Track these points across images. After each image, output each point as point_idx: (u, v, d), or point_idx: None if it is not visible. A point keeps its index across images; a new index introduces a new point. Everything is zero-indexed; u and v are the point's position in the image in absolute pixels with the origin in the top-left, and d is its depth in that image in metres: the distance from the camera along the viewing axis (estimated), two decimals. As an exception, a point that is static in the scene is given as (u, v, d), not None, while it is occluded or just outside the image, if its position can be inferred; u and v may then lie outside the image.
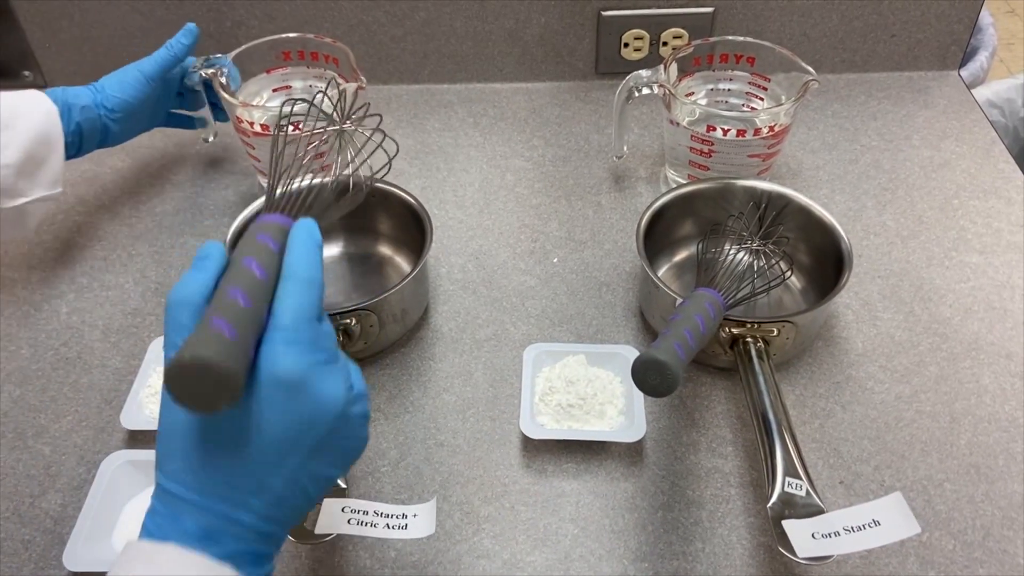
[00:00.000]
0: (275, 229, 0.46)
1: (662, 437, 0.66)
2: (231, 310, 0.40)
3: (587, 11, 0.95)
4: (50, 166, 0.72)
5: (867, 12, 0.96)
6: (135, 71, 0.77)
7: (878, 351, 0.72)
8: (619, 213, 0.85)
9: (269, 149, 0.59)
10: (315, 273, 0.44)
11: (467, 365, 0.72)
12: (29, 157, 0.70)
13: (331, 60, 0.84)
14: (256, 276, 0.43)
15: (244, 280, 0.42)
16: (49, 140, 0.72)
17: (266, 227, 0.46)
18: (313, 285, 0.44)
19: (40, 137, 0.71)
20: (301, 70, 0.85)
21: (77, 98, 0.74)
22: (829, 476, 0.63)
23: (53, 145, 0.72)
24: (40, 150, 0.71)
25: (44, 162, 0.72)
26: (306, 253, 0.45)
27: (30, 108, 0.71)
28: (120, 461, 0.62)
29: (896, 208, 0.84)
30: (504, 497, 0.63)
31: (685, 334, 0.54)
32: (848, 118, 0.95)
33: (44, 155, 0.72)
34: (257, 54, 0.83)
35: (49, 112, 0.72)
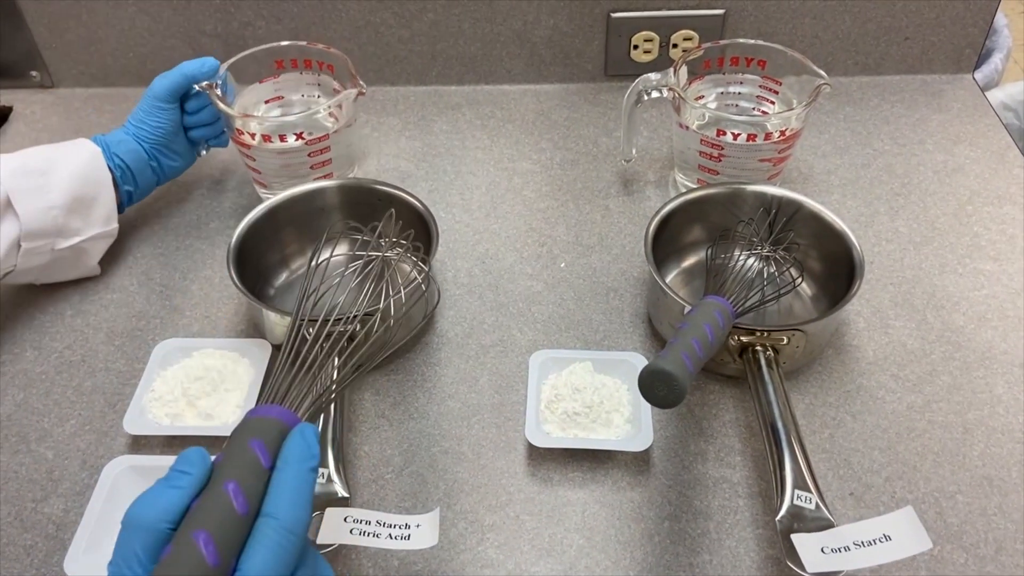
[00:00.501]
0: (271, 433, 0.43)
1: (669, 446, 0.65)
2: (194, 562, 0.37)
3: (596, 12, 0.94)
4: (101, 203, 0.75)
5: (880, 14, 0.94)
6: (152, 98, 0.77)
7: (889, 360, 0.71)
8: (627, 217, 0.85)
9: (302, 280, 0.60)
10: (300, 515, 0.40)
11: (472, 371, 0.71)
12: (77, 198, 0.72)
13: (326, 67, 0.83)
14: (235, 510, 0.39)
15: (218, 518, 0.38)
16: (95, 179, 0.74)
17: (262, 428, 0.43)
18: (293, 533, 0.40)
19: (85, 176, 0.73)
20: (294, 77, 0.84)
21: (114, 136, 0.77)
22: (839, 487, 0.62)
23: (101, 183, 0.74)
24: (88, 189, 0.73)
25: (95, 200, 0.74)
26: (295, 486, 0.41)
27: (72, 152, 0.74)
28: (122, 467, 0.61)
29: (909, 214, 0.83)
30: (509, 506, 0.62)
31: (693, 344, 0.53)
32: (860, 122, 0.94)
33: (93, 194, 0.74)
34: (251, 65, 0.82)
35: (93, 154, 0.74)
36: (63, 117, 0.98)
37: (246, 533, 0.40)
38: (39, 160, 0.72)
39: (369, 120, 0.97)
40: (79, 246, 0.74)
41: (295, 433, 0.44)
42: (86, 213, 0.74)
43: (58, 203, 0.71)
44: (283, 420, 0.44)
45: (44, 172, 0.71)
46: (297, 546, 0.40)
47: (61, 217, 0.72)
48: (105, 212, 0.75)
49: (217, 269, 0.80)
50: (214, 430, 0.64)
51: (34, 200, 0.70)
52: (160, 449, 0.65)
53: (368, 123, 0.96)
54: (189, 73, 0.76)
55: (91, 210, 0.74)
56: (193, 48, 0.97)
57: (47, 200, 0.71)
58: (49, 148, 0.74)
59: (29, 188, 0.70)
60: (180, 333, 0.74)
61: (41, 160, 0.72)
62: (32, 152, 0.73)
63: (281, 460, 0.42)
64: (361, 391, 0.69)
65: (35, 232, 0.70)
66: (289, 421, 0.45)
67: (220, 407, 0.66)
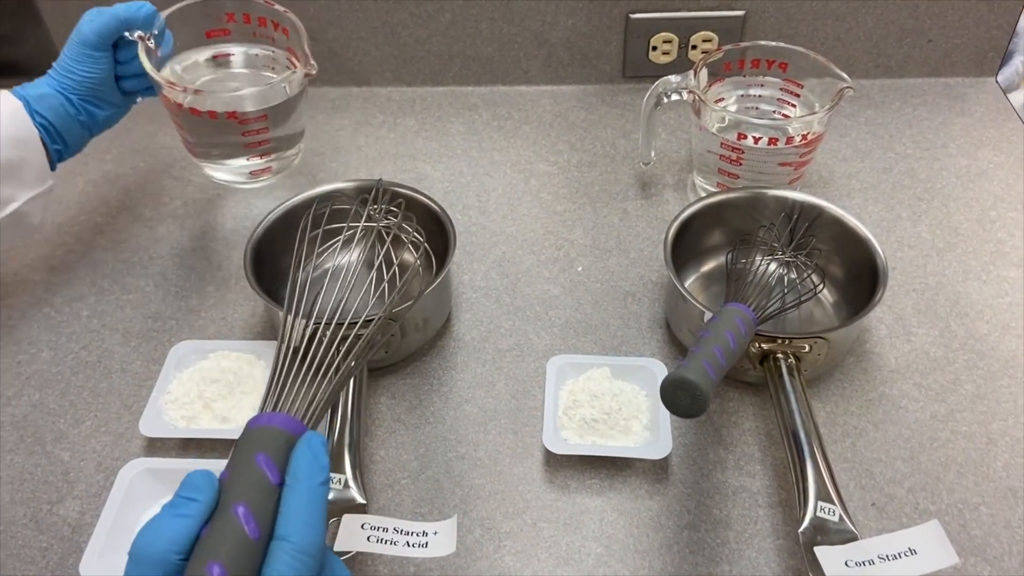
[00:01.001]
0: (277, 445, 0.42)
1: (688, 454, 0.65)
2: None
3: (615, 13, 0.93)
4: (31, 164, 0.68)
5: (903, 16, 0.93)
6: (79, 45, 0.69)
7: (912, 368, 0.70)
8: (645, 221, 0.84)
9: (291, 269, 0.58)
10: (314, 536, 0.39)
11: (489, 375, 0.71)
12: (1, 164, 0.66)
13: (281, 30, 0.77)
14: (247, 536, 0.38)
15: (231, 547, 0.37)
16: (20, 138, 0.67)
17: (267, 440, 0.42)
18: (309, 555, 0.38)
19: (7, 138, 0.66)
20: (246, 39, 0.79)
21: (36, 88, 0.69)
22: (861, 498, 0.61)
23: (27, 142, 0.67)
24: (13, 152, 0.66)
25: (23, 162, 0.67)
26: (307, 506, 0.39)
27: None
28: (138, 469, 0.61)
29: (931, 219, 0.82)
30: (526, 513, 0.61)
31: (715, 352, 0.52)
32: (882, 125, 0.93)
33: (20, 156, 0.67)
34: (194, 15, 0.77)
35: (13, 109, 0.67)
36: (80, 116, 0.98)
37: (260, 558, 0.39)
38: None
39: (386, 121, 0.96)
40: (15, 212, 0.68)
41: (302, 445, 0.42)
42: (15, 177, 0.67)
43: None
44: (288, 430, 0.43)
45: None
46: (314, 568, 0.39)
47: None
48: (36, 172, 0.68)
49: (233, 271, 0.79)
50: (230, 433, 0.64)
51: None
52: (176, 452, 0.65)
53: (385, 124, 0.96)
54: (123, 17, 0.69)
55: (21, 172, 0.67)
56: (210, 47, 0.97)
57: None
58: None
59: None
60: (196, 335, 0.74)
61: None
62: None
63: (291, 477, 0.41)
64: (377, 395, 0.69)
65: None
66: (295, 430, 0.43)
67: (236, 410, 0.66)
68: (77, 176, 0.89)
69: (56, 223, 0.84)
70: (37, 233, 0.74)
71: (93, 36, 0.68)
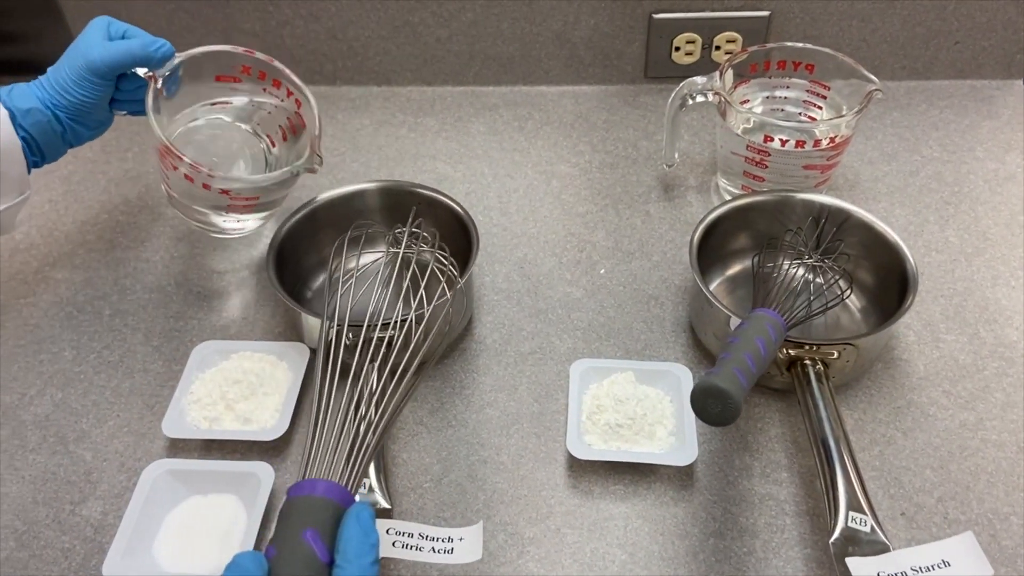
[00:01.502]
0: (324, 517, 0.41)
1: (713, 460, 0.64)
2: None
3: (638, 13, 0.93)
4: (9, 176, 0.64)
5: (930, 18, 0.92)
6: (85, 70, 0.65)
7: (941, 375, 0.69)
8: (668, 223, 0.83)
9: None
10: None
11: (511, 379, 0.70)
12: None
13: (293, 99, 0.73)
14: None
15: None
16: (1, 151, 0.63)
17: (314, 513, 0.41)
18: None
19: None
20: (252, 91, 0.74)
21: (23, 99, 0.65)
22: (890, 507, 0.61)
23: (7, 154, 0.63)
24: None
25: (2, 175, 0.64)
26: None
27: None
28: (161, 470, 0.61)
29: (959, 223, 0.81)
30: (550, 519, 0.61)
31: (746, 359, 0.51)
32: (908, 127, 0.92)
33: (0, 168, 0.64)
34: (209, 62, 0.71)
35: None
36: (101, 114, 0.98)
37: None
38: None
39: (406, 120, 0.96)
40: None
41: (351, 520, 0.41)
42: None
43: None
44: (334, 499, 0.42)
45: None
46: None
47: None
48: (14, 183, 0.65)
49: (255, 270, 0.79)
50: (252, 435, 0.64)
51: None
52: (198, 453, 0.65)
53: (405, 123, 0.95)
54: (139, 56, 0.65)
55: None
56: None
57: None
58: None
59: None
60: (217, 335, 0.73)
61: None
62: None
63: (341, 557, 0.40)
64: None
65: None
66: (341, 500, 0.42)
67: (258, 411, 0.65)
68: (98, 174, 0.90)
69: (78, 221, 0.84)
70: (9, 233, 0.71)
71: (102, 67, 0.65)
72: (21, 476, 0.64)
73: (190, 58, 0.69)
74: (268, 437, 0.63)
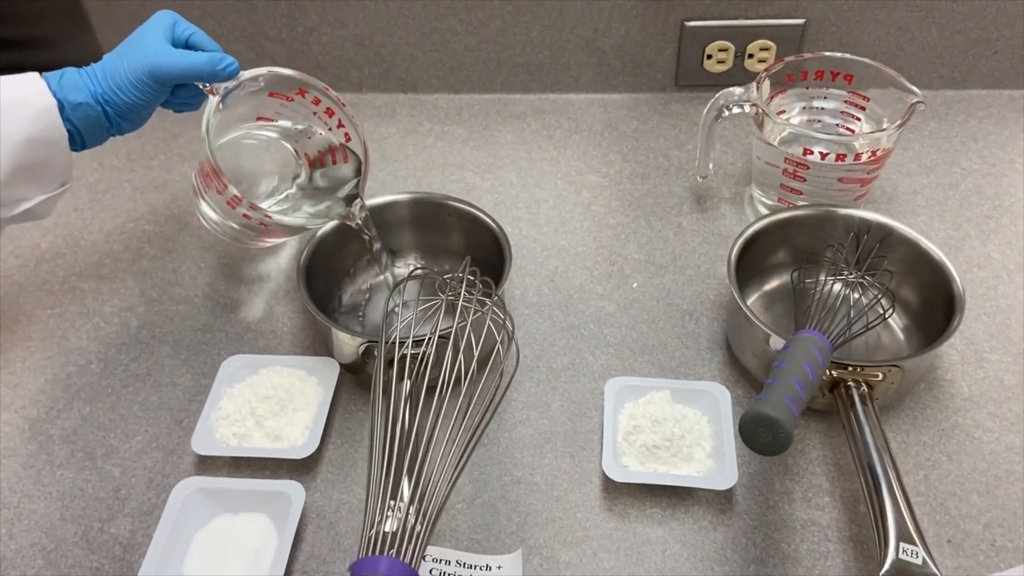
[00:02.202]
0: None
1: (753, 483, 0.62)
2: None
3: (670, 21, 0.91)
4: (53, 167, 0.62)
5: (969, 27, 0.90)
6: (146, 75, 0.62)
7: (986, 396, 0.67)
8: (701, 236, 0.81)
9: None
10: None
11: (544, 396, 0.69)
12: (21, 166, 0.60)
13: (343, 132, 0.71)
14: None
15: None
16: (46, 141, 0.60)
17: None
18: None
19: (33, 140, 0.59)
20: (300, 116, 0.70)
21: (74, 90, 0.61)
22: (936, 534, 0.59)
23: (53, 145, 0.61)
24: (36, 154, 0.60)
25: (45, 165, 0.61)
26: None
27: (17, 109, 0.59)
28: (191, 488, 0.60)
29: (1001, 238, 0.79)
30: (586, 542, 0.59)
31: (795, 385, 0.50)
32: (946, 138, 0.90)
33: (43, 158, 0.61)
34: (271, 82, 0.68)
35: (43, 110, 0.60)
36: (125, 120, 0.97)
37: None
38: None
39: (433, 129, 0.95)
40: (27, 210, 0.63)
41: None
42: (36, 179, 0.62)
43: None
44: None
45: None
46: None
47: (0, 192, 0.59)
48: (58, 173, 0.63)
49: (282, 282, 0.78)
50: (282, 452, 0.63)
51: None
52: (227, 470, 0.64)
53: (432, 132, 0.94)
54: (207, 72, 0.63)
55: (42, 174, 0.62)
56: (256, 53, 0.96)
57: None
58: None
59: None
60: (245, 348, 0.72)
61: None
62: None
63: None
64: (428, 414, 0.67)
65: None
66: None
67: (288, 428, 0.64)
68: (124, 183, 0.89)
69: (104, 231, 0.83)
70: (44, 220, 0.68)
71: (166, 77, 0.62)
72: (49, 492, 0.63)
73: (253, 78, 0.66)
74: (298, 455, 0.62)
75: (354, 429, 0.67)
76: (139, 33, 0.64)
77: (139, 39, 0.64)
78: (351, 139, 0.71)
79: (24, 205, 0.62)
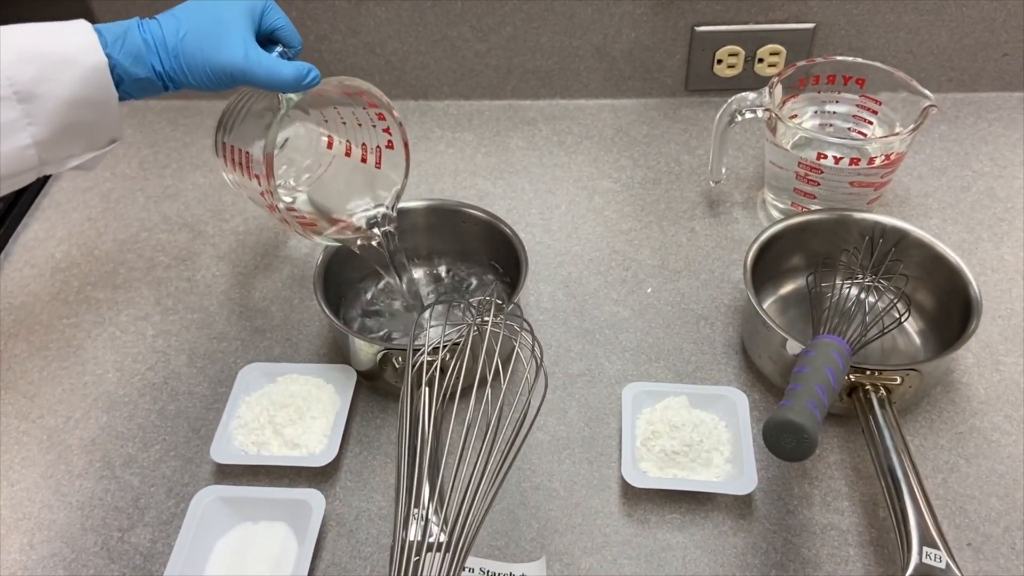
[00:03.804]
0: None
1: (771, 488, 0.62)
2: None
3: (680, 26, 0.91)
4: (104, 126, 0.58)
5: (979, 29, 0.90)
6: (228, 76, 0.57)
7: (1002, 399, 0.67)
8: (715, 240, 0.82)
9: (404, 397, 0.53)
10: None
11: (561, 402, 0.69)
12: (69, 125, 0.55)
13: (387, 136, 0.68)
14: None
15: None
16: (95, 101, 0.55)
17: None
18: None
19: (81, 100, 0.54)
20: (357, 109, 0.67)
21: (135, 64, 0.56)
22: (955, 537, 0.59)
23: (103, 105, 0.56)
24: (83, 115, 0.55)
25: (93, 125, 0.57)
26: None
27: (69, 68, 0.53)
28: (211, 497, 0.60)
29: (1014, 241, 0.79)
30: (606, 548, 0.60)
31: (818, 391, 0.50)
32: (957, 141, 0.90)
33: (91, 119, 0.56)
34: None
35: (94, 69, 0.54)
36: (136, 129, 0.97)
37: None
38: (24, 79, 0.52)
39: (444, 135, 0.95)
40: (75, 166, 0.59)
41: None
42: (84, 137, 0.57)
43: (41, 137, 0.54)
44: None
45: (27, 97, 0.52)
46: None
47: (42, 152, 0.55)
48: (107, 132, 0.58)
49: (296, 290, 0.78)
50: (301, 460, 0.63)
51: (2, 141, 0.53)
52: (246, 479, 0.64)
53: (443, 138, 0.94)
54: (289, 87, 0.58)
55: (89, 133, 0.57)
56: (267, 61, 0.96)
57: (21, 138, 0.53)
58: (37, 56, 0.53)
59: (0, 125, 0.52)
60: (261, 356, 0.72)
61: (26, 80, 0.52)
62: (13, 63, 0.52)
63: None
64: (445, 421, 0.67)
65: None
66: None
67: (306, 435, 0.64)
68: (137, 192, 0.89)
69: (118, 240, 0.84)
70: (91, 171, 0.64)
71: (241, 78, 0.57)
72: (68, 502, 0.63)
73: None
74: (317, 463, 0.62)
75: (372, 436, 0.67)
76: (224, 16, 0.57)
77: (224, 27, 0.57)
78: (393, 147, 0.67)
79: (72, 162, 0.58)
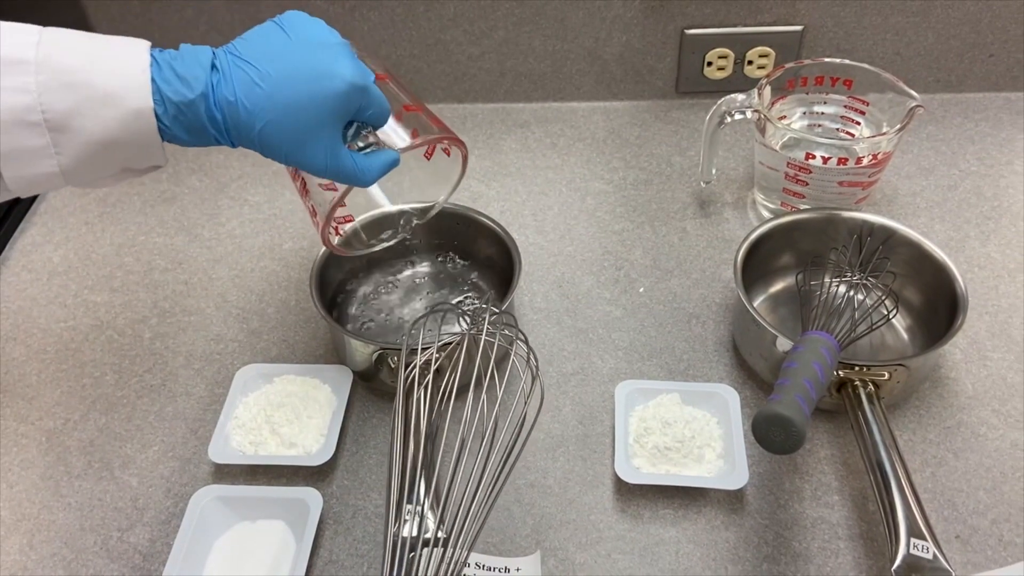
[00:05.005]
0: None
1: (763, 483, 0.63)
2: None
3: (670, 29, 0.92)
4: (139, 160, 0.51)
5: (965, 31, 0.91)
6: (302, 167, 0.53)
7: (989, 394, 0.68)
8: (706, 240, 0.82)
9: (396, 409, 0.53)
10: None
11: (555, 400, 0.70)
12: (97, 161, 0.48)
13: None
14: None
15: None
16: (131, 144, 0.48)
17: None
18: None
19: (113, 142, 0.47)
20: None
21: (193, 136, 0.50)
22: (944, 530, 0.60)
23: (140, 148, 0.49)
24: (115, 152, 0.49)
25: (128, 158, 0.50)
26: None
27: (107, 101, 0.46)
28: (209, 496, 0.61)
29: (1001, 239, 0.80)
30: (600, 543, 0.60)
31: (806, 385, 0.51)
32: (944, 141, 0.91)
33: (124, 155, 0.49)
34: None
35: (139, 114, 0.47)
36: (133, 134, 0.98)
37: None
38: (59, 108, 0.45)
39: (438, 138, 0.96)
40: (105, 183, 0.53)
41: None
42: (113, 166, 0.50)
43: (68, 167, 0.47)
44: None
45: (58, 128, 0.46)
46: None
47: (70, 178, 0.49)
48: (144, 163, 0.51)
49: (293, 292, 0.79)
50: (297, 460, 0.64)
51: (28, 166, 0.46)
52: (243, 478, 0.65)
53: (437, 141, 0.95)
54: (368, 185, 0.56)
55: (122, 163, 0.50)
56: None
57: (46, 165, 0.47)
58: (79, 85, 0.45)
59: (27, 150, 0.46)
60: (258, 357, 0.73)
61: (61, 110, 0.45)
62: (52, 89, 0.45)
63: None
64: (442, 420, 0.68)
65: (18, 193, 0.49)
66: None
67: (303, 435, 0.65)
68: (134, 196, 0.90)
69: (115, 244, 0.84)
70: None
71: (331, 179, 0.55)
72: (68, 503, 0.64)
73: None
74: (315, 462, 0.63)
75: (368, 435, 0.68)
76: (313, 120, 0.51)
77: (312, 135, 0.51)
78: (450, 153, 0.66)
79: (105, 185, 0.54)
